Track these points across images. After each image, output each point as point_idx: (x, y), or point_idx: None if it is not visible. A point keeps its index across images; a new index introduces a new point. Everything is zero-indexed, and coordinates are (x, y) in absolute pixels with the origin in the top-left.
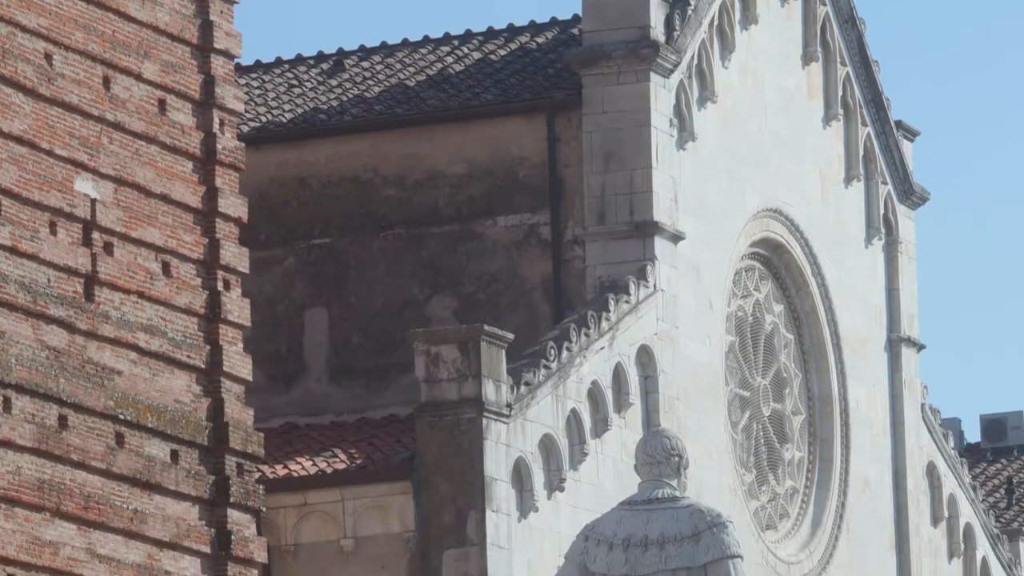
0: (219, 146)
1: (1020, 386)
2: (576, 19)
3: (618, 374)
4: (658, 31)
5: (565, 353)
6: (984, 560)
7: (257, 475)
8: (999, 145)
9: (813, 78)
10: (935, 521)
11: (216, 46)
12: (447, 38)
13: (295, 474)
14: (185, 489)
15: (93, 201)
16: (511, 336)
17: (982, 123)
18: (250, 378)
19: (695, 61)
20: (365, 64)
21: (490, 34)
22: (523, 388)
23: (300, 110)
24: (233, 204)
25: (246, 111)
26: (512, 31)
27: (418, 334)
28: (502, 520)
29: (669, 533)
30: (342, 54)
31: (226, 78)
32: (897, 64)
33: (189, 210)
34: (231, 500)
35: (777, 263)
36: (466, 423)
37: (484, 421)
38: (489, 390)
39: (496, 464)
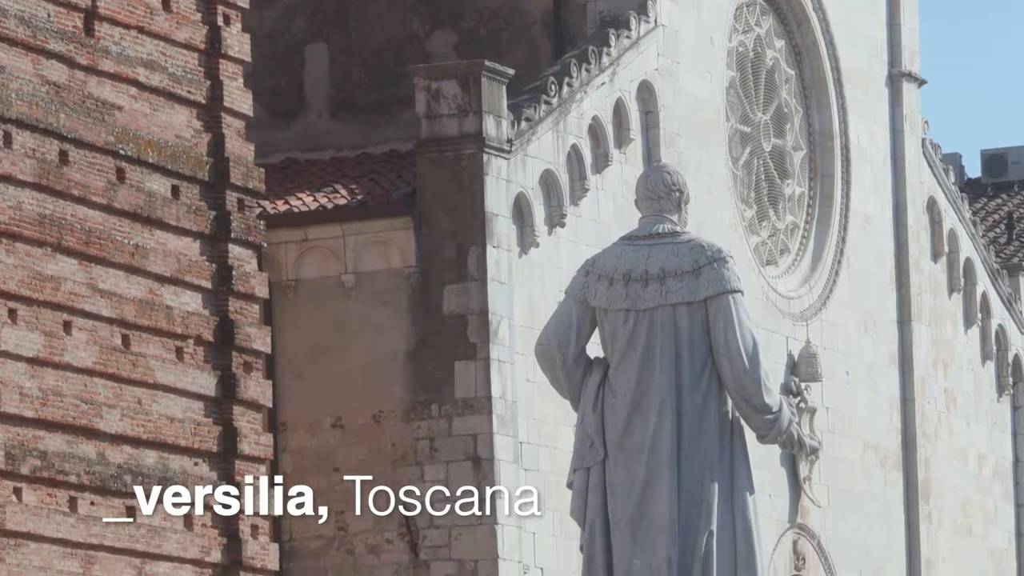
0: None
1: (1021, 121)
2: None
3: (619, 109)
4: None
5: (566, 88)
6: (984, 295)
7: (258, 210)
8: None
9: None
10: (935, 256)
11: None
12: None
13: (296, 209)
14: (186, 224)
15: None
16: (512, 71)
17: None
18: (251, 113)
19: None
20: None
21: None
22: (524, 123)
23: None
24: None
25: None
26: None
27: (419, 69)
28: (503, 255)
29: (669, 268)
30: None
31: None
32: None
33: None
34: (232, 235)
35: None
36: (467, 158)
37: (485, 156)
38: (490, 125)
39: (497, 199)
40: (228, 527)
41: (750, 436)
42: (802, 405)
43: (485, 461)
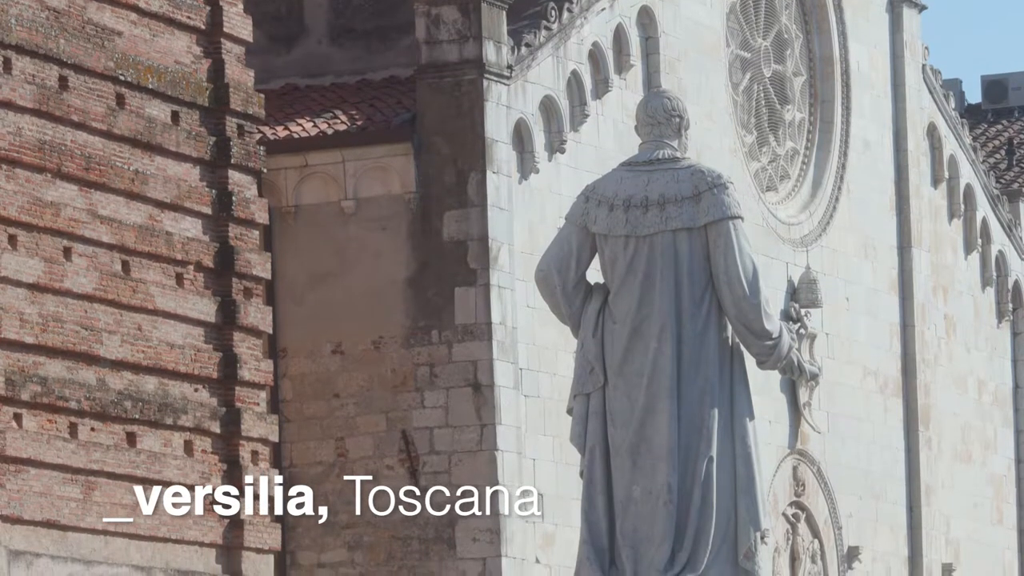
0: None
1: (1022, 47)
2: None
3: (619, 35)
4: None
5: (566, 14)
6: (984, 220)
7: (258, 136)
8: None
9: None
10: (935, 182)
11: None
12: None
13: (296, 135)
14: (186, 150)
15: None
16: None
17: None
18: (251, 39)
19: None
20: None
21: None
22: (524, 49)
23: None
24: None
25: None
26: None
27: None
28: (503, 181)
29: (669, 193)
30: None
31: None
32: None
33: None
34: (232, 161)
35: None
36: (467, 84)
37: (485, 82)
38: (490, 51)
39: (497, 125)
40: (228, 456)
41: (750, 362)
42: (802, 331)
43: (485, 387)
